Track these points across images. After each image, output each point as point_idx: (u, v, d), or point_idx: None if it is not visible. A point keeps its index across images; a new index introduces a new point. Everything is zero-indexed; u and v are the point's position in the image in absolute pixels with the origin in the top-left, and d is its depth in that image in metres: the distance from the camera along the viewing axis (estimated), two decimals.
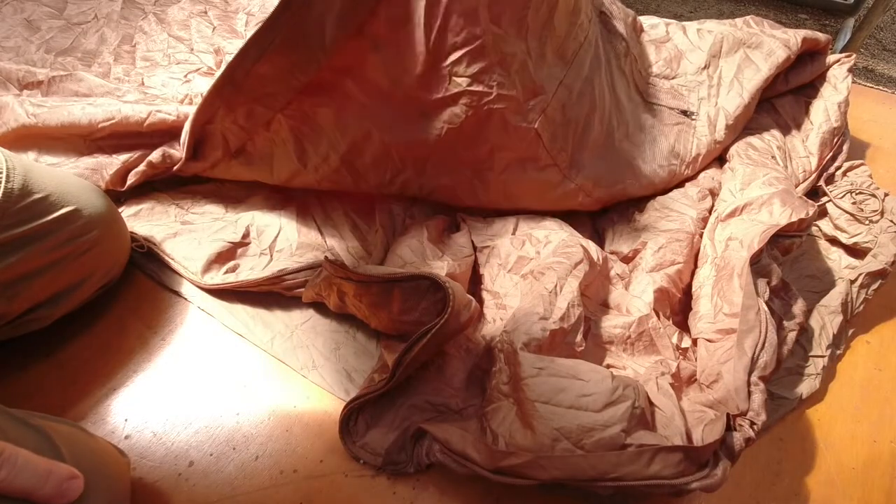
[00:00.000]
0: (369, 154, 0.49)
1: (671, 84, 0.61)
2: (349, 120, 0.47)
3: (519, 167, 0.50)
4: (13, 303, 0.39)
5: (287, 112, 0.46)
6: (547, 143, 0.49)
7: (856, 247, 0.54)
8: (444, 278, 0.39)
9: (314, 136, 0.48)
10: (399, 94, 0.46)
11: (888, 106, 0.75)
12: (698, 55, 0.62)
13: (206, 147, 0.50)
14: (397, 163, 0.50)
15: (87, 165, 0.53)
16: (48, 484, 0.26)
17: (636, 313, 0.44)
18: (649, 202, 0.56)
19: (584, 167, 0.52)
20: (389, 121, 0.47)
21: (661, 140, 0.57)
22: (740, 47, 0.62)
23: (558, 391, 0.36)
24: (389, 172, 0.51)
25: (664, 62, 0.62)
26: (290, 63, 0.43)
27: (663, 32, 0.65)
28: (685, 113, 0.59)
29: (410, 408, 0.41)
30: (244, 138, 0.48)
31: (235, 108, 0.46)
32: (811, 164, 0.59)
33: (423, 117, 0.47)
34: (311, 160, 0.49)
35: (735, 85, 0.60)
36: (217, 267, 0.49)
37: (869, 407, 0.45)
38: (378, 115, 0.47)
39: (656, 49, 0.62)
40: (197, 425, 0.41)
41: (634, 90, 0.58)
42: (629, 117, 0.56)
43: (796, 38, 0.62)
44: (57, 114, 0.52)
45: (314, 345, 0.46)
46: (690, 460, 0.32)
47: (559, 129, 0.49)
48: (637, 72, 0.59)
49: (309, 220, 0.53)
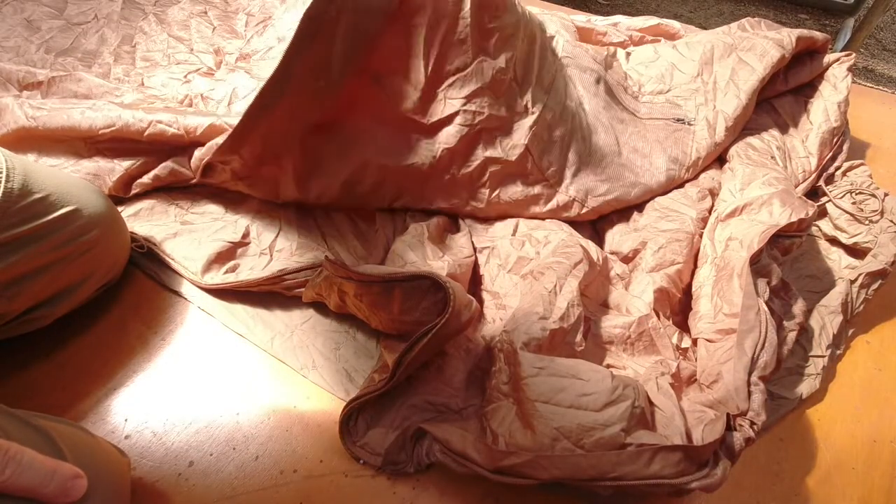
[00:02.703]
0: (368, 181, 0.51)
1: (666, 97, 0.62)
2: (350, 150, 0.49)
3: (511, 182, 0.52)
4: (13, 303, 0.39)
5: (292, 150, 0.48)
6: (536, 159, 0.52)
7: (856, 247, 0.54)
8: (444, 278, 0.39)
9: (316, 169, 0.50)
10: (397, 121, 0.49)
11: (888, 106, 0.75)
12: (689, 65, 0.63)
13: (215, 173, 0.51)
14: (395, 187, 0.52)
15: (88, 170, 0.53)
16: (53, 483, 0.26)
17: (636, 313, 0.44)
18: (649, 202, 0.56)
19: (574, 182, 0.54)
20: (388, 147, 0.49)
21: (657, 150, 0.57)
22: (732, 52, 0.62)
23: (558, 391, 0.36)
24: (388, 197, 0.53)
25: (656, 79, 0.63)
26: (300, 107, 0.45)
27: (651, 53, 0.66)
28: (681, 121, 0.59)
29: (410, 408, 0.41)
30: (250, 171, 0.50)
31: (246, 152, 0.47)
32: (811, 165, 0.59)
33: (420, 140, 0.50)
34: (313, 191, 0.51)
35: (731, 87, 0.60)
36: (217, 267, 0.49)
37: (869, 407, 0.45)
38: (377, 142, 0.49)
39: (646, 68, 0.64)
40: (197, 425, 0.41)
41: (621, 111, 0.60)
42: (615, 137, 0.57)
43: (790, 37, 0.62)
44: (56, 117, 0.52)
45: (314, 345, 0.46)
46: (690, 460, 0.32)
47: (547, 146, 0.52)
48: (621, 96, 0.61)
49: (309, 219, 0.53)
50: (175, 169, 0.52)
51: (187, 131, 0.51)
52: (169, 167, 0.52)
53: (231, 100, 0.61)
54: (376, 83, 0.47)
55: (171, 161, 0.52)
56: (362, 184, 0.51)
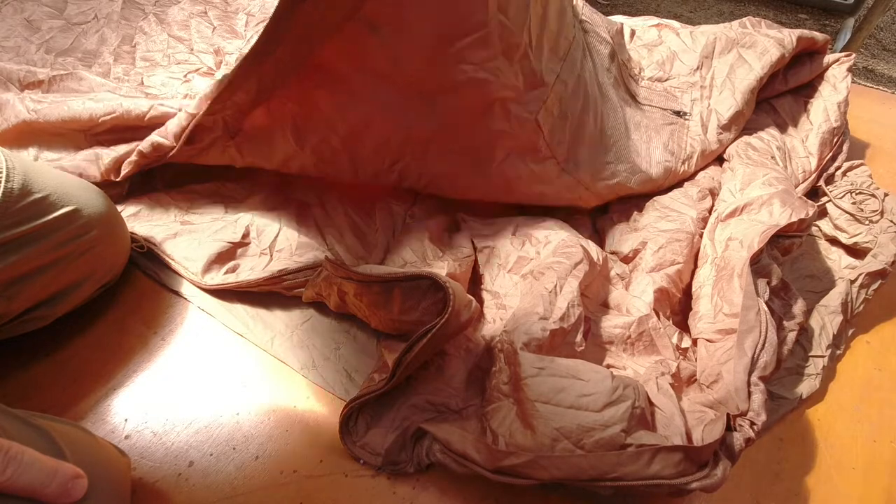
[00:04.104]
0: (369, 140, 0.48)
1: (664, 86, 0.61)
2: (348, 104, 0.47)
3: (518, 158, 0.50)
4: (13, 302, 0.39)
5: (286, 94, 0.46)
6: (546, 136, 0.49)
7: (856, 247, 0.54)
8: (444, 278, 0.39)
9: (313, 118, 0.48)
10: (401, 78, 0.45)
11: (888, 106, 0.75)
12: (691, 56, 0.63)
13: (202, 136, 0.49)
14: (396, 149, 0.49)
15: (85, 157, 0.52)
16: (54, 483, 0.26)
17: (636, 313, 0.44)
18: (649, 202, 0.56)
19: (581, 162, 0.52)
20: (391, 105, 0.47)
21: (654, 138, 0.57)
22: (734, 47, 0.62)
23: (558, 391, 0.36)
24: (388, 160, 0.50)
25: (657, 65, 0.62)
26: (297, 52, 0.42)
27: (655, 36, 0.65)
28: (678, 114, 0.59)
29: (410, 408, 0.41)
30: (243, 120, 0.48)
31: (240, 97, 0.45)
32: (811, 165, 0.59)
33: (425, 102, 0.46)
34: (309, 142, 0.49)
35: (727, 85, 0.61)
36: (217, 267, 0.49)
37: (869, 407, 0.45)
38: (379, 99, 0.47)
39: (648, 52, 0.63)
40: (197, 425, 0.41)
41: (625, 92, 0.59)
42: (622, 116, 0.56)
43: (791, 37, 0.62)
44: (57, 109, 0.52)
45: (314, 345, 0.46)
46: (690, 460, 0.32)
47: (557, 122, 0.50)
48: (626, 76, 0.59)
49: (309, 219, 0.53)
50: (156, 141, 0.49)
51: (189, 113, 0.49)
52: (150, 141, 0.49)
53: None
54: (374, 33, 0.42)
55: (154, 134, 0.50)
56: (363, 142, 0.48)
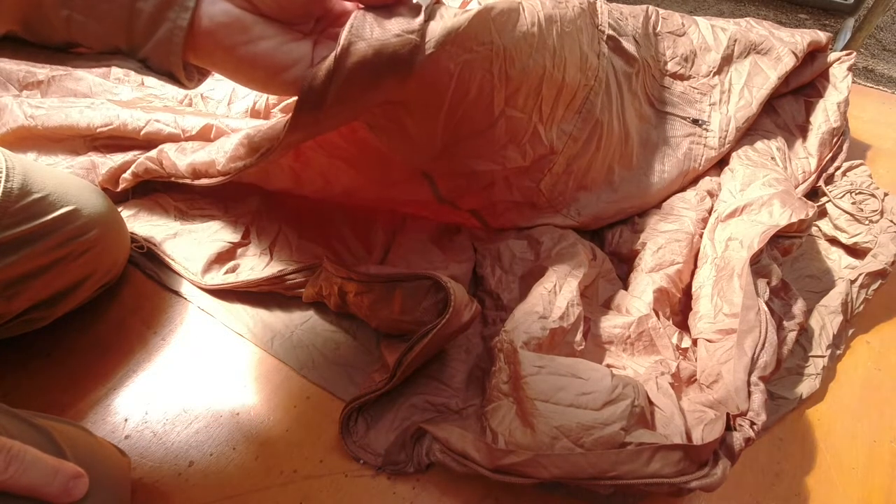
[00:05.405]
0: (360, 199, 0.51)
1: (684, 86, 0.59)
2: (344, 170, 0.48)
3: (516, 210, 0.51)
4: (12, 302, 0.39)
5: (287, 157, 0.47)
6: (546, 193, 0.50)
7: (856, 247, 0.54)
8: (446, 278, 0.39)
9: (309, 173, 0.49)
10: (403, 165, 0.45)
11: (888, 106, 0.75)
12: (712, 56, 0.59)
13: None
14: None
15: (82, 164, 0.53)
16: (55, 482, 0.26)
17: (636, 313, 0.44)
18: None
19: (584, 206, 0.53)
20: (386, 182, 0.48)
21: (669, 155, 0.56)
22: (751, 52, 0.61)
23: (558, 389, 0.36)
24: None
25: (680, 59, 0.59)
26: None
27: (679, 23, 0.60)
28: (697, 122, 0.57)
29: (410, 408, 0.41)
30: None
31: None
32: (811, 165, 0.59)
33: (424, 182, 0.47)
34: (306, 187, 0.50)
35: (745, 93, 0.59)
36: (217, 267, 0.49)
37: (869, 407, 0.45)
38: (372, 174, 0.48)
39: (673, 42, 0.59)
40: (197, 425, 0.41)
41: (647, 104, 0.57)
42: (634, 144, 0.54)
43: (803, 42, 0.61)
44: (55, 116, 0.52)
45: (314, 345, 0.46)
46: (690, 459, 0.32)
47: (560, 178, 0.50)
48: (649, 79, 0.56)
49: (309, 219, 0.53)
50: (150, 168, 0.50)
51: (183, 131, 0.51)
52: (144, 166, 0.50)
53: (231, 99, 0.61)
54: (373, 131, 0.41)
55: (146, 160, 0.49)
56: (353, 200, 0.51)
